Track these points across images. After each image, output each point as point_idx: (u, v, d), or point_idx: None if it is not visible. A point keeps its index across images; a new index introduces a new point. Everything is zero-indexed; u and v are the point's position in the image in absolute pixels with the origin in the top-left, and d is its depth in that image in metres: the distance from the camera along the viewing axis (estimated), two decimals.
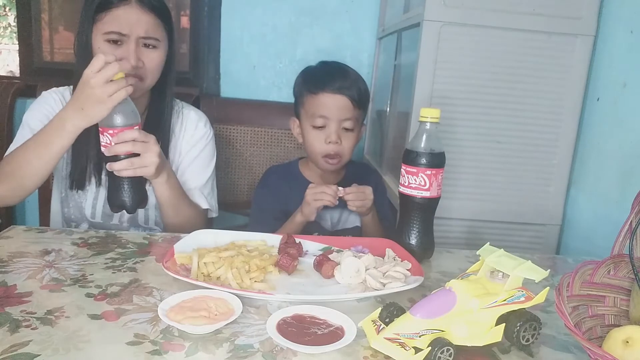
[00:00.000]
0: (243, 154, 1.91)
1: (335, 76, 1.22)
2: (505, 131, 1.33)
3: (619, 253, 0.70)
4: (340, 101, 1.19)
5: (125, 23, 1.06)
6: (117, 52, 1.06)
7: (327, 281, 0.81)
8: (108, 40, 1.07)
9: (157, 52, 1.12)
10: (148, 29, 1.09)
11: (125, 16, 1.06)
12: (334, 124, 1.19)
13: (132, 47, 1.07)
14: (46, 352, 0.56)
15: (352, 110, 1.20)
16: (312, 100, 1.21)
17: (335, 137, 1.19)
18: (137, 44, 1.08)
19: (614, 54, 1.26)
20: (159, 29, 1.12)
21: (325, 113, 1.19)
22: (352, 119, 1.20)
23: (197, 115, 1.30)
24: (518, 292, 0.63)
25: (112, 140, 0.93)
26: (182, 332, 0.62)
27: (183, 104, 1.30)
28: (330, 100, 1.19)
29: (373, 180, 1.32)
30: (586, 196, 1.33)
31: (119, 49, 1.07)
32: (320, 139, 1.21)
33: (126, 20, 1.06)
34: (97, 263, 0.82)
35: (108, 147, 0.94)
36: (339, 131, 1.20)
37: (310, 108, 1.22)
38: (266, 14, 2.01)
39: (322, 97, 1.19)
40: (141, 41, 1.09)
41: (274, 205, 1.26)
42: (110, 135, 0.93)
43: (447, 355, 0.58)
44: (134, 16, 1.07)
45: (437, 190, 0.90)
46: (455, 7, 1.25)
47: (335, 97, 1.19)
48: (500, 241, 1.25)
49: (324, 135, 1.20)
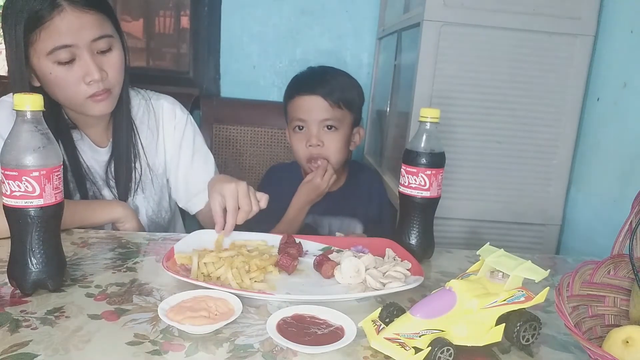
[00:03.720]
0: (243, 154, 1.91)
1: (312, 79, 1.22)
2: (505, 131, 1.33)
3: (619, 253, 0.70)
4: (316, 102, 1.18)
5: (66, 32, 0.91)
6: (74, 72, 0.93)
7: (327, 281, 0.81)
8: (58, 62, 0.92)
9: (115, 53, 0.99)
10: (95, 29, 0.94)
11: (64, 24, 0.90)
12: (313, 126, 1.19)
13: (86, 58, 0.93)
14: (46, 352, 0.56)
15: (331, 110, 1.19)
16: (291, 104, 1.22)
17: (315, 140, 1.19)
18: (91, 53, 0.94)
19: (614, 54, 1.26)
20: (106, 24, 0.97)
21: (302, 116, 1.19)
22: (333, 119, 1.20)
23: (169, 103, 1.17)
24: (518, 292, 0.63)
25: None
26: (182, 332, 0.62)
27: (147, 93, 1.17)
28: (305, 102, 1.19)
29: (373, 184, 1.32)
30: (586, 196, 1.33)
31: (73, 68, 0.93)
32: (302, 143, 1.21)
33: (67, 28, 0.91)
34: (97, 263, 0.82)
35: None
36: (319, 134, 1.19)
37: (290, 113, 1.23)
38: (266, 14, 2.01)
39: (298, 100, 1.20)
40: (94, 47, 0.95)
41: (275, 204, 1.26)
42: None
43: (447, 355, 0.58)
44: (74, 21, 0.91)
45: (437, 190, 0.90)
46: (455, 7, 1.25)
47: (310, 98, 1.19)
48: (500, 241, 1.25)
49: (305, 138, 1.20)
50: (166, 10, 2.35)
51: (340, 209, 1.26)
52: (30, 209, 0.66)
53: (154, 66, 2.36)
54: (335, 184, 1.28)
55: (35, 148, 0.66)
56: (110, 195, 1.11)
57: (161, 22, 2.37)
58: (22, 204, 0.66)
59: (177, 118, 1.17)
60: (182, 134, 1.17)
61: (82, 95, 0.97)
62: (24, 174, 0.65)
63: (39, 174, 0.66)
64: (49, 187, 0.67)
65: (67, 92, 0.96)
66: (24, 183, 0.65)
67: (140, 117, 1.13)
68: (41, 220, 0.68)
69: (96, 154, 1.10)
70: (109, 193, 1.11)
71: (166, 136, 1.17)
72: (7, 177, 0.65)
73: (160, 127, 1.16)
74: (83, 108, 1.00)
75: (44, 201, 0.67)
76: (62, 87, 0.95)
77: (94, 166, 1.10)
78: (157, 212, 1.19)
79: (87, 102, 0.98)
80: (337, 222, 1.28)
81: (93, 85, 0.96)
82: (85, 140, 1.09)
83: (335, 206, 1.26)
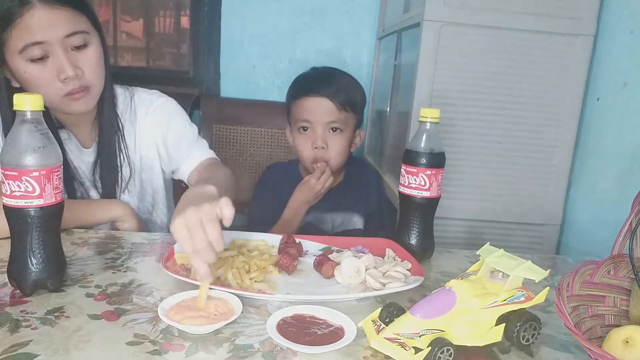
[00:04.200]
0: (243, 154, 1.91)
1: (319, 80, 1.22)
2: (505, 131, 1.33)
3: (619, 253, 0.70)
4: (323, 104, 1.18)
5: (37, 29, 0.89)
6: (47, 70, 0.92)
7: (327, 281, 0.81)
8: (31, 60, 0.91)
9: (91, 49, 0.96)
10: (67, 25, 0.91)
11: (35, 21, 0.89)
12: (319, 128, 1.19)
13: (59, 55, 0.91)
14: (46, 352, 0.56)
15: (337, 112, 1.19)
16: (296, 105, 1.22)
17: (320, 142, 1.19)
18: (65, 49, 0.92)
19: (614, 54, 1.26)
20: (80, 19, 0.94)
21: (308, 117, 1.19)
22: (338, 121, 1.20)
23: (147, 94, 1.14)
24: (518, 292, 0.63)
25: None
26: (182, 332, 0.62)
27: (132, 89, 1.14)
28: (312, 104, 1.19)
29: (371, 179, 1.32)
30: (586, 196, 1.33)
31: (46, 65, 0.92)
32: (307, 144, 1.21)
33: (37, 25, 0.89)
34: (97, 263, 0.82)
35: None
36: (324, 136, 1.19)
37: (295, 113, 1.22)
38: (266, 14, 2.01)
39: (304, 102, 1.20)
40: (67, 43, 0.92)
41: (273, 203, 1.26)
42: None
43: (447, 355, 0.58)
44: (44, 17, 0.90)
45: (437, 190, 0.90)
46: (455, 7, 1.25)
47: (317, 100, 1.19)
48: (500, 241, 1.25)
49: (310, 140, 1.20)
50: (166, 10, 2.35)
51: (341, 205, 1.27)
52: (30, 209, 0.66)
53: (154, 66, 2.36)
54: (335, 180, 1.28)
55: (35, 148, 0.66)
56: (97, 196, 1.11)
57: (161, 22, 2.37)
58: (22, 204, 0.66)
59: (153, 104, 1.13)
60: (164, 115, 1.13)
61: (58, 93, 0.95)
62: (24, 174, 0.65)
63: (39, 174, 0.66)
64: (49, 187, 0.67)
65: (42, 91, 0.92)
66: (24, 183, 0.65)
67: (122, 114, 1.11)
68: (41, 220, 0.68)
69: (82, 154, 1.09)
70: (96, 194, 1.11)
71: (140, 126, 1.12)
72: (7, 177, 0.65)
73: (137, 119, 1.12)
74: (61, 106, 0.98)
75: (44, 201, 0.67)
76: (36, 86, 0.94)
77: (81, 167, 1.09)
78: (141, 208, 1.17)
79: (64, 100, 0.96)
80: (339, 217, 1.28)
81: (69, 83, 0.94)
82: (73, 140, 1.08)
83: (336, 202, 1.26)
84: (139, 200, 1.17)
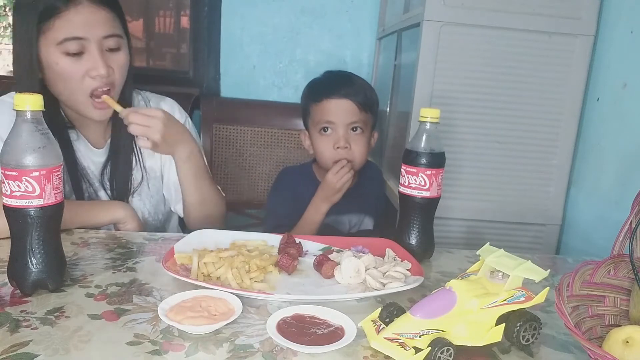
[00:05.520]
0: (243, 153, 1.91)
1: (339, 83, 1.22)
2: (505, 131, 1.33)
3: (619, 253, 0.70)
4: (345, 105, 1.19)
5: (80, 25, 0.93)
6: (80, 65, 0.95)
7: (327, 281, 0.81)
8: (67, 53, 0.93)
9: (122, 53, 1.01)
10: (107, 27, 0.96)
11: (79, 17, 0.93)
12: (341, 129, 1.19)
13: (95, 54, 0.94)
14: (46, 352, 0.56)
15: (359, 113, 1.20)
16: (317, 108, 1.22)
17: (343, 142, 1.19)
18: (101, 49, 0.96)
19: (614, 54, 1.26)
20: (117, 23, 0.99)
21: (330, 118, 1.19)
22: (360, 121, 1.20)
23: (168, 105, 1.17)
24: (518, 292, 0.63)
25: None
26: (182, 332, 0.62)
27: (147, 94, 1.18)
28: (334, 105, 1.19)
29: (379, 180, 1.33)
30: (586, 196, 1.33)
31: (80, 60, 0.95)
32: (329, 146, 1.21)
33: (81, 21, 0.93)
34: (97, 263, 0.82)
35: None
36: (346, 136, 1.20)
37: (316, 116, 1.22)
38: (266, 14, 2.01)
39: (326, 104, 1.20)
40: (104, 44, 0.96)
41: (288, 207, 1.25)
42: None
43: (447, 355, 0.58)
44: (89, 15, 0.93)
45: (437, 190, 0.90)
46: (455, 7, 1.25)
47: (339, 101, 1.19)
48: (500, 241, 1.25)
49: (332, 141, 1.20)
50: (166, 10, 2.35)
51: (357, 206, 1.27)
52: (30, 209, 0.66)
53: (154, 66, 2.36)
54: (351, 181, 1.28)
55: (35, 148, 0.66)
56: (106, 198, 1.11)
57: (161, 22, 2.37)
58: (22, 204, 0.66)
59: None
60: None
61: (85, 90, 0.97)
62: (24, 174, 0.65)
63: (39, 174, 0.66)
64: (49, 187, 0.67)
65: (71, 85, 0.96)
66: (24, 183, 0.65)
67: None
68: (41, 220, 0.68)
69: (92, 154, 1.10)
70: (104, 195, 1.11)
71: None
72: (7, 177, 0.65)
73: None
74: (82, 107, 1.00)
75: (44, 201, 0.67)
76: (65, 79, 0.96)
77: (90, 167, 1.09)
78: (154, 215, 1.18)
79: (87, 102, 0.98)
80: (355, 219, 1.28)
81: (97, 80, 0.96)
82: (82, 140, 1.08)
83: (352, 203, 1.27)
84: (152, 206, 1.17)
